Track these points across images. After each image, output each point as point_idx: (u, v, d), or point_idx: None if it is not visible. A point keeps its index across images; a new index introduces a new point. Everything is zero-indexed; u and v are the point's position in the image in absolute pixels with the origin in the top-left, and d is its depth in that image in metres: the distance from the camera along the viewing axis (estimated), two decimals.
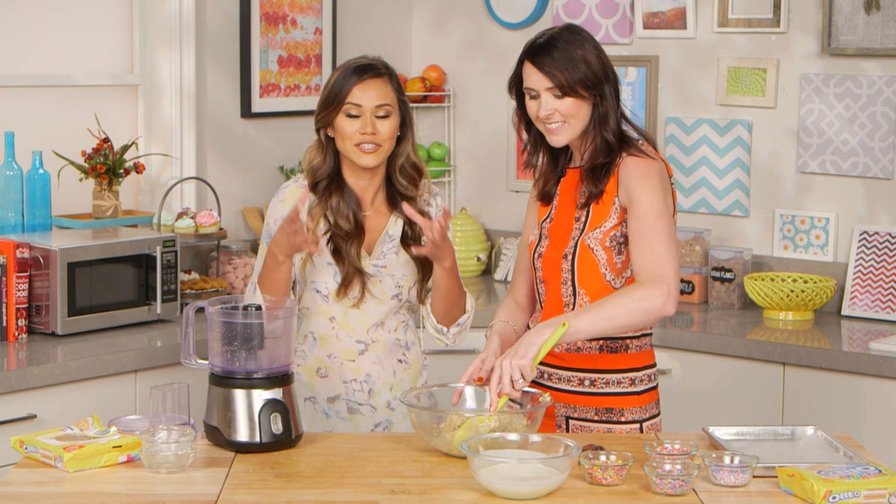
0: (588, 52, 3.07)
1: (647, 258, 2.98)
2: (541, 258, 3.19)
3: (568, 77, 3.05)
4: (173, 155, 4.71)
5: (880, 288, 4.49)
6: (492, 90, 5.34)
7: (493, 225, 5.38)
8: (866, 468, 2.60)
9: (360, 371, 3.28)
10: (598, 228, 3.09)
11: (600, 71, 3.08)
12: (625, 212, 3.08)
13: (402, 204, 3.20)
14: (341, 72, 3.25)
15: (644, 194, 3.02)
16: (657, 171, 3.06)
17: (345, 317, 3.27)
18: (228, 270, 4.68)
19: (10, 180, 4.22)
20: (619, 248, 3.10)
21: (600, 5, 5.04)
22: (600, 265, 3.10)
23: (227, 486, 2.65)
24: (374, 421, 3.29)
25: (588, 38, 3.10)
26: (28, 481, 2.67)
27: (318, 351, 3.29)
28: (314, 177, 3.29)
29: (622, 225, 3.08)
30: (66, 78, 4.55)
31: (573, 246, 3.12)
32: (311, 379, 3.29)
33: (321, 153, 3.29)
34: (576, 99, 3.07)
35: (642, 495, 2.60)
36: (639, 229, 3.01)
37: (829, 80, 4.61)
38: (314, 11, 5.10)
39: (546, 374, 3.20)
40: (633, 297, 2.94)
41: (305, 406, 3.27)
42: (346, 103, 3.21)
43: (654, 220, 3.00)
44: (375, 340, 3.29)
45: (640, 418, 3.16)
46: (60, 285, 3.99)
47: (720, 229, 4.86)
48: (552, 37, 3.09)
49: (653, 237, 2.99)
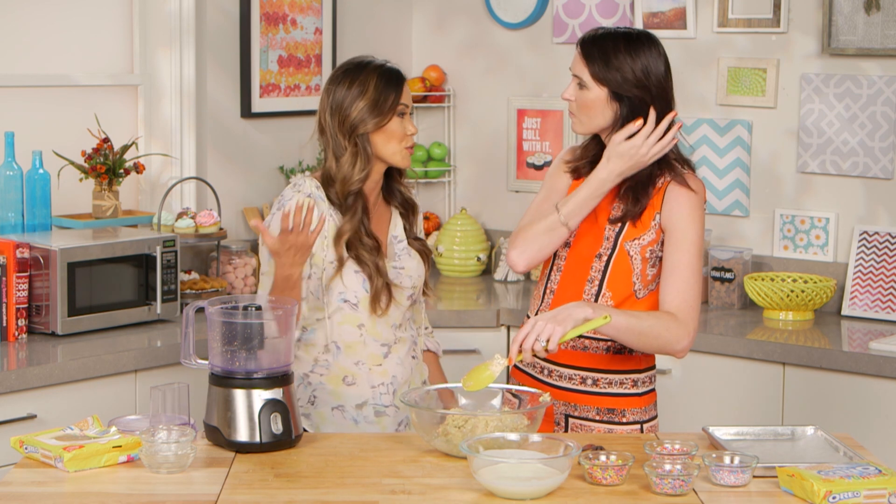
0: (633, 60, 3.06)
1: (679, 296, 3.05)
2: (567, 247, 3.18)
3: (592, 73, 3.07)
4: (173, 155, 4.70)
5: (880, 288, 4.49)
6: (492, 90, 5.34)
7: (493, 225, 5.38)
8: (866, 468, 2.60)
9: (386, 374, 3.29)
10: (637, 240, 3.11)
11: (635, 81, 3.06)
12: (662, 231, 3.10)
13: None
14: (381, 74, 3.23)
15: (689, 227, 3.08)
16: (701, 204, 3.11)
17: (373, 323, 3.27)
18: (228, 270, 4.68)
19: (10, 180, 4.23)
20: (654, 262, 3.12)
21: (600, 5, 5.04)
22: (634, 273, 3.11)
23: (227, 486, 2.65)
24: (397, 420, 3.31)
25: (642, 49, 3.08)
26: (28, 481, 2.67)
27: (344, 359, 3.27)
28: (349, 188, 3.23)
29: (660, 242, 3.11)
30: (66, 78, 4.55)
31: (610, 248, 3.12)
32: (338, 387, 3.28)
33: (358, 163, 3.22)
34: (594, 97, 3.07)
35: (642, 495, 2.60)
36: (677, 262, 3.06)
37: (829, 80, 4.61)
38: (314, 11, 5.10)
39: (547, 371, 3.19)
40: (668, 327, 3.01)
41: (333, 415, 3.27)
42: (400, 104, 3.22)
43: (694, 258, 3.07)
44: (397, 341, 3.31)
45: (640, 419, 3.16)
46: (60, 285, 3.99)
47: (720, 229, 4.86)
48: (607, 33, 3.11)
49: (690, 276, 3.06)
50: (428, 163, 5.40)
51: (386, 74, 3.24)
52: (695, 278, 3.06)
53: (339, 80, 3.26)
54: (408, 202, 3.38)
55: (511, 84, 5.30)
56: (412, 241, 3.36)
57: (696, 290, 3.06)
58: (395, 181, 3.35)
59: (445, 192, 5.47)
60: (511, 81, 5.29)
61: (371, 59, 3.29)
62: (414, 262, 3.33)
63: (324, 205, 3.23)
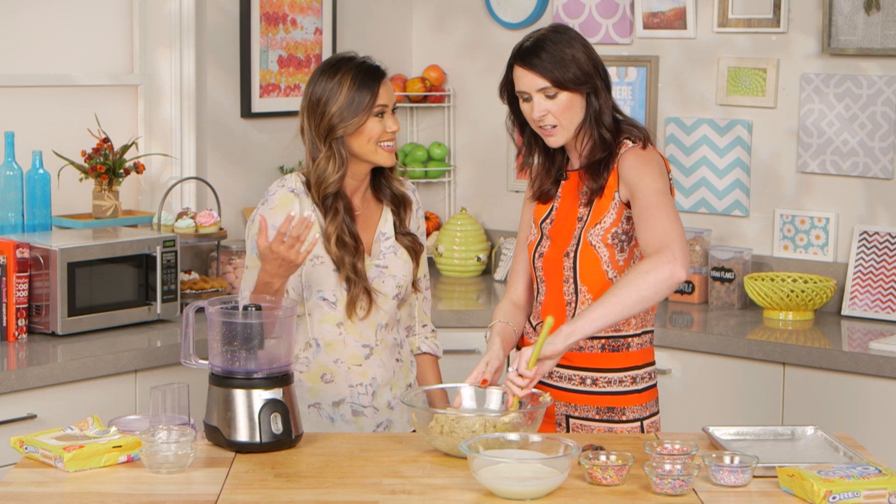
0: (576, 49, 3.08)
1: (650, 233, 2.97)
2: (542, 258, 3.20)
3: (557, 76, 3.05)
4: (173, 155, 4.70)
5: (880, 288, 4.49)
6: (492, 90, 5.29)
7: (493, 225, 5.38)
8: (866, 468, 2.60)
9: (366, 375, 3.27)
10: (599, 224, 3.10)
11: (590, 67, 3.08)
12: (624, 207, 3.08)
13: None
14: (356, 76, 3.17)
15: (644, 177, 3.03)
16: (656, 159, 3.09)
17: (353, 322, 3.26)
18: (228, 270, 4.68)
19: (10, 180, 4.22)
20: (622, 246, 3.10)
21: (600, 5, 5.04)
22: (602, 262, 3.10)
23: (227, 486, 2.65)
24: (376, 421, 3.29)
25: (575, 37, 3.11)
26: (28, 481, 2.67)
27: (323, 357, 3.26)
28: (325, 190, 3.20)
29: (622, 222, 3.09)
30: (66, 78, 4.55)
31: (575, 243, 3.12)
32: (316, 385, 3.27)
33: (331, 165, 3.19)
34: (568, 97, 3.07)
35: (642, 495, 2.60)
36: (644, 208, 3.00)
37: (829, 80, 4.60)
38: (314, 11, 5.10)
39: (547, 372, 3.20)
40: (638, 270, 2.92)
41: (310, 413, 3.25)
42: (377, 105, 3.17)
43: (656, 198, 3.00)
44: (380, 343, 3.29)
45: (640, 416, 3.16)
46: (60, 285, 3.99)
47: (720, 229, 4.86)
48: (539, 38, 3.10)
49: (655, 212, 2.98)
50: (428, 163, 5.40)
51: (361, 74, 3.17)
52: (661, 213, 2.97)
53: (315, 80, 3.21)
54: (398, 197, 3.33)
55: None
56: (400, 236, 3.31)
57: (665, 221, 2.96)
58: (383, 177, 3.31)
59: (445, 192, 5.48)
60: None
61: (350, 57, 3.23)
62: (399, 261, 3.29)
63: (307, 201, 3.23)
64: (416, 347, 3.43)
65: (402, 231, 3.32)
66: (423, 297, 3.43)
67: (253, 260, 3.21)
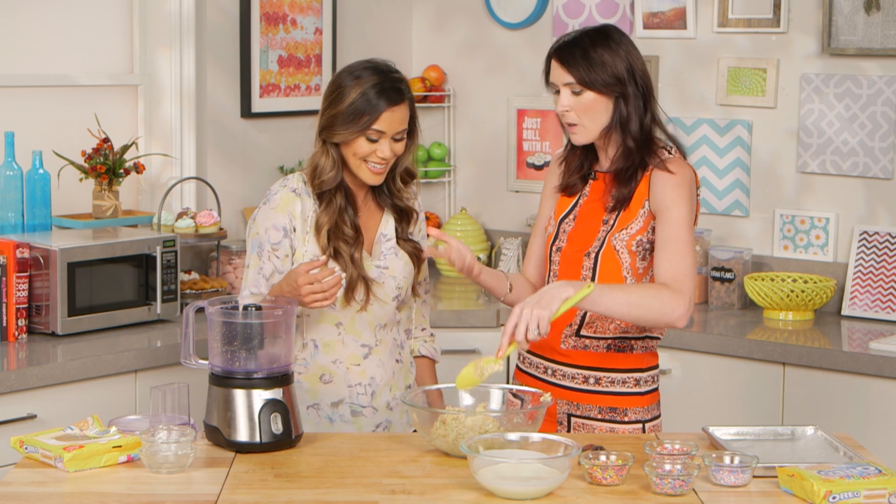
0: (613, 53, 3.08)
1: (672, 267, 3.02)
2: (559, 252, 3.19)
3: (584, 75, 3.06)
4: (173, 155, 4.70)
5: (880, 288, 4.49)
6: (492, 90, 5.34)
7: (493, 225, 5.37)
8: (866, 468, 2.60)
9: (364, 375, 3.27)
10: (625, 230, 3.10)
11: (623, 73, 3.08)
12: (651, 217, 3.09)
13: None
14: (366, 91, 3.13)
15: (675, 205, 3.06)
16: (688, 182, 3.09)
17: (352, 322, 3.25)
18: (228, 270, 4.68)
19: (10, 180, 4.22)
20: (644, 255, 3.11)
21: (600, 5, 5.04)
22: (623, 268, 3.11)
23: (227, 486, 2.65)
24: (375, 422, 3.29)
25: (619, 41, 3.10)
26: (28, 481, 2.67)
27: (322, 357, 3.26)
28: (322, 185, 3.21)
29: (648, 231, 3.10)
30: (66, 78, 4.55)
31: (598, 245, 3.12)
32: (315, 385, 3.27)
33: (324, 161, 3.20)
34: (593, 98, 3.07)
35: (642, 495, 2.60)
36: (668, 238, 3.04)
37: (829, 80, 4.61)
38: (314, 11, 5.10)
39: (550, 371, 3.20)
40: (659, 297, 2.96)
41: (308, 413, 3.25)
42: (371, 129, 3.13)
43: (683, 232, 3.05)
44: (379, 343, 3.29)
45: (642, 418, 3.16)
46: (60, 285, 3.99)
47: (720, 229, 4.86)
48: (577, 35, 3.12)
49: (681, 248, 3.03)
50: (428, 163, 5.40)
51: (374, 92, 3.13)
52: (686, 250, 3.04)
53: (340, 75, 3.22)
54: (402, 210, 3.32)
55: (511, 84, 5.30)
56: (402, 241, 3.31)
57: (688, 262, 3.03)
58: (386, 188, 3.30)
59: (445, 192, 5.48)
60: (511, 81, 5.30)
61: (379, 69, 3.18)
62: (401, 263, 3.29)
63: (308, 201, 3.23)
64: (415, 350, 3.43)
65: (404, 237, 3.33)
66: (423, 300, 3.44)
67: (253, 259, 3.21)
